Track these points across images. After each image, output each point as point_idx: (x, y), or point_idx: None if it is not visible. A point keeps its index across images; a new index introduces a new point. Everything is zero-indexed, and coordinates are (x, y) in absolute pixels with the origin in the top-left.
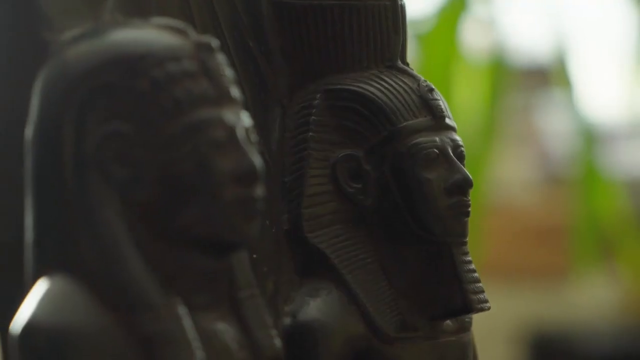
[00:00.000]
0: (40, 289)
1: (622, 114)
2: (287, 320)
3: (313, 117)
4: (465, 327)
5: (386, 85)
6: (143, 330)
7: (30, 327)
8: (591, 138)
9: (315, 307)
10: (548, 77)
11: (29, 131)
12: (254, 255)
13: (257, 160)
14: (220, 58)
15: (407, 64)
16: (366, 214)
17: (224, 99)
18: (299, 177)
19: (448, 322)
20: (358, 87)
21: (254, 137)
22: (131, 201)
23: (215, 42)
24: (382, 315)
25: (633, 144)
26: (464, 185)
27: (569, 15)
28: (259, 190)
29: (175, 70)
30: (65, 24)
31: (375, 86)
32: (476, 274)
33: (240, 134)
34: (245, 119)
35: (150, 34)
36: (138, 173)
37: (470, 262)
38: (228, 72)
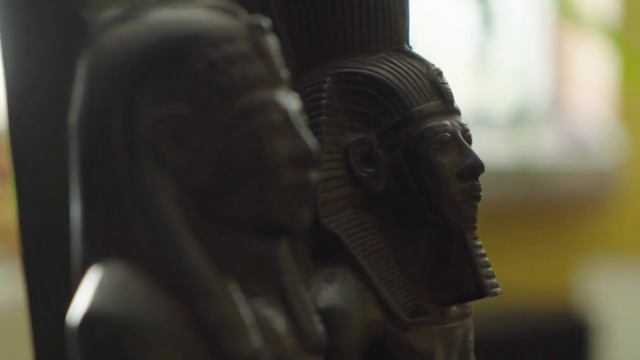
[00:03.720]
0: (94, 277)
1: (464, 107)
2: None
3: (324, 100)
4: (467, 313)
5: (397, 69)
6: (203, 318)
7: (91, 316)
8: None
9: (333, 293)
10: None
11: (73, 117)
12: None
13: (312, 144)
14: (271, 39)
15: (411, 48)
16: (377, 198)
17: (276, 80)
18: None
19: (454, 308)
20: (370, 70)
21: (304, 119)
22: (186, 186)
23: (266, 23)
24: (397, 300)
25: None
26: (476, 169)
27: (413, 10)
28: (314, 175)
29: (230, 51)
30: (104, 3)
31: (387, 69)
32: (487, 259)
33: (293, 116)
34: (295, 101)
35: (200, 15)
36: (193, 157)
37: (480, 246)
38: (278, 54)
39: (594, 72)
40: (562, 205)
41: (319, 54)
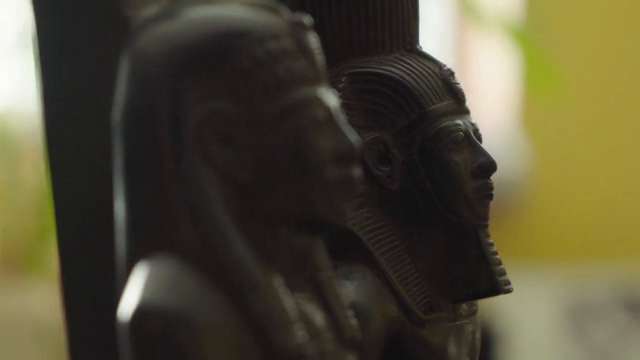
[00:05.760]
0: (143, 272)
1: None
2: None
3: (340, 100)
4: (474, 311)
5: (412, 69)
6: (250, 312)
7: (143, 311)
8: None
9: (353, 290)
10: None
11: (117, 115)
12: None
13: (355, 140)
14: (313, 36)
15: (422, 48)
16: (392, 197)
17: (319, 77)
18: None
19: (463, 305)
20: (385, 69)
21: (345, 116)
22: (230, 181)
23: (308, 20)
24: (413, 297)
25: None
26: (490, 168)
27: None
28: (357, 171)
29: (275, 48)
30: (144, 1)
31: (402, 69)
32: (499, 257)
33: (335, 112)
34: (335, 98)
35: (243, 12)
36: (239, 152)
37: (492, 244)
38: (319, 51)
39: (497, 80)
40: None
41: (334, 54)
